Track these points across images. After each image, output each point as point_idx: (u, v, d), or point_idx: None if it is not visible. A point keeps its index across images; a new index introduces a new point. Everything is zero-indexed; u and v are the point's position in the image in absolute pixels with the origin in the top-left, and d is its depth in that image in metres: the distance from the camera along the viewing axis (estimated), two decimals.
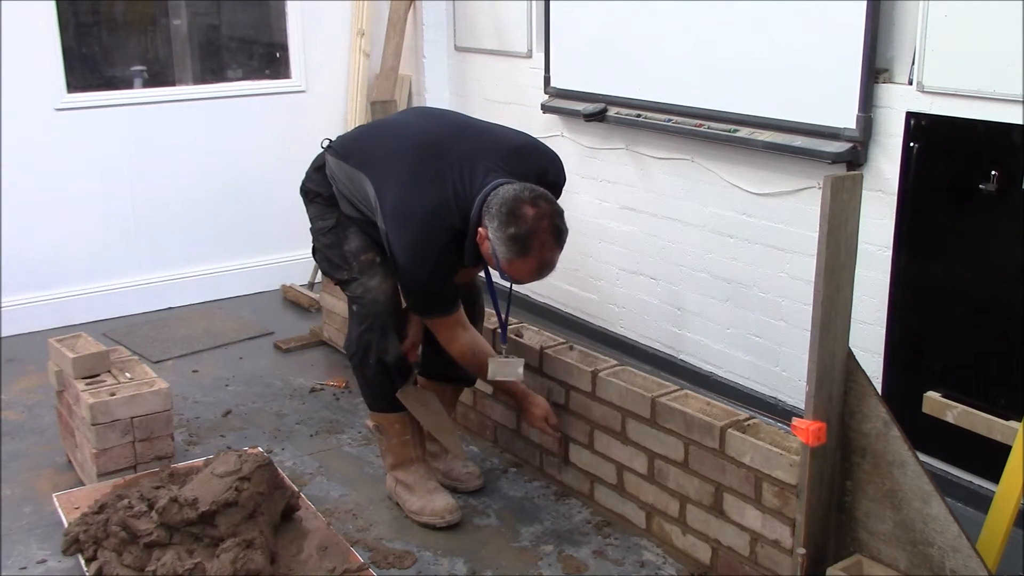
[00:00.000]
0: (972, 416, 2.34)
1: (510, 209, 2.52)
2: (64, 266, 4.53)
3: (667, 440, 2.70)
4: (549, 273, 2.63)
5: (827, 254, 2.12)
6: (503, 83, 4.69)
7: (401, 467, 3.00)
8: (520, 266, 2.57)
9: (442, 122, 2.92)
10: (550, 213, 2.55)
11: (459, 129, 2.86)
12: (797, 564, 2.32)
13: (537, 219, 2.52)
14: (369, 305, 2.83)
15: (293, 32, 4.97)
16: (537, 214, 2.52)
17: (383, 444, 3.02)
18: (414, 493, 2.96)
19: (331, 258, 2.92)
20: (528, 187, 2.58)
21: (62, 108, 4.41)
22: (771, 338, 3.56)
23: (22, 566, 2.73)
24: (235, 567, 2.38)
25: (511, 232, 2.51)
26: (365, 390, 2.98)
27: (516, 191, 2.55)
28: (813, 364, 2.20)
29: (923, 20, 2.86)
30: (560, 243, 2.59)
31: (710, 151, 3.67)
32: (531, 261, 2.56)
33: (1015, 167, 2.71)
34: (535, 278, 2.64)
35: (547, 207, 2.56)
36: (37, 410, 3.70)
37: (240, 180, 4.87)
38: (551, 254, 2.58)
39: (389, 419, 2.95)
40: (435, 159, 2.69)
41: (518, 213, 2.51)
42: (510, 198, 2.53)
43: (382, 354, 2.85)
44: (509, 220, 2.51)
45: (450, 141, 2.75)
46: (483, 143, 2.77)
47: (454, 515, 2.92)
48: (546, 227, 2.53)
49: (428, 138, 2.77)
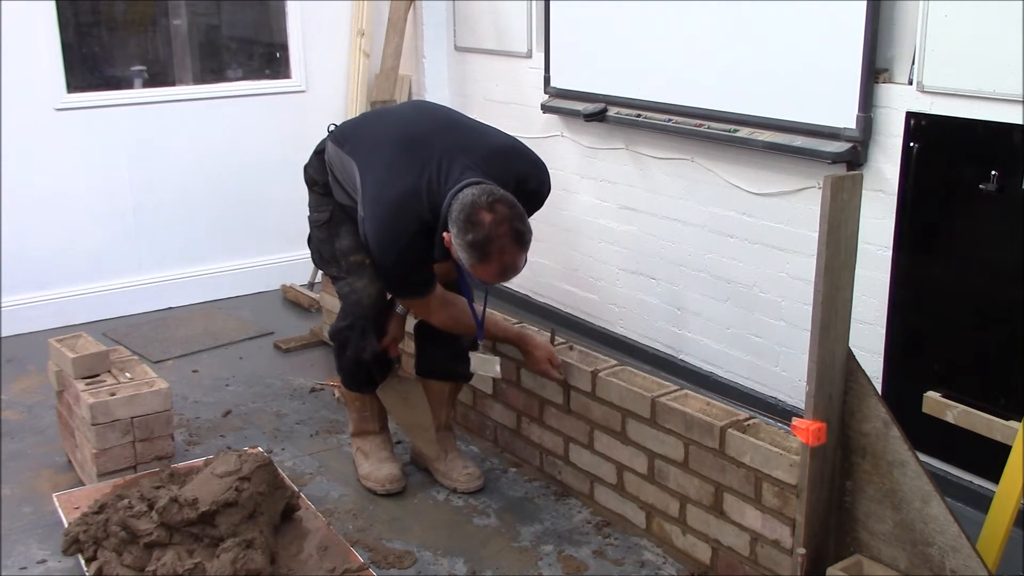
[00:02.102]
0: (972, 416, 2.34)
1: (467, 216, 2.51)
2: (64, 266, 4.53)
3: (667, 440, 2.70)
4: (515, 275, 2.64)
5: (827, 254, 2.12)
6: (503, 83, 4.69)
7: (359, 436, 3.21)
8: (482, 271, 2.58)
9: (434, 117, 2.95)
10: (508, 217, 2.52)
11: (447, 125, 2.88)
12: (797, 564, 2.32)
13: (495, 225, 2.50)
14: (353, 306, 2.95)
15: (293, 32, 4.97)
16: (494, 220, 2.50)
17: (347, 412, 3.26)
18: (367, 459, 3.16)
19: (323, 252, 3.05)
20: (487, 191, 2.54)
21: (62, 108, 4.40)
22: (771, 338, 3.56)
23: (22, 566, 2.73)
24: (235, 567, 2.38)
25: (469, 239, 2.51)
26: (339, 368, 3.12)
27: (474, 196, 2.53)
28: (813, 364, 2.20)
29: (923, 20, 2.86)
30: (522, 245, 2.56)
31: (710, 151, 3.67)
32: (492, 267, 2.55)
33: (1015, 167, 2.71)
34: (501, 280, 2.65)
35: (505, 211, 2.52)
36: (37, 410, 3.70)
37: (240, 180, 4.86)
38: (512, 258, 2.56)
39: (351, 396, 3.17)
40: (417, 150, 2.72)
41: (475, 220, 2.50)
42: (467, 204, 2.53)
43: (360, 352, 2.99)
44: (467, 227, 2.51)
45: (435, 135, 2.77)
46: (467, 141, 2.79)
47: (394, 485, 3.08)
48: (505, 232, 2.51)
49: (415, 130, 2.81)
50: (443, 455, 3.15)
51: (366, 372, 3.06)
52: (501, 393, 3.28)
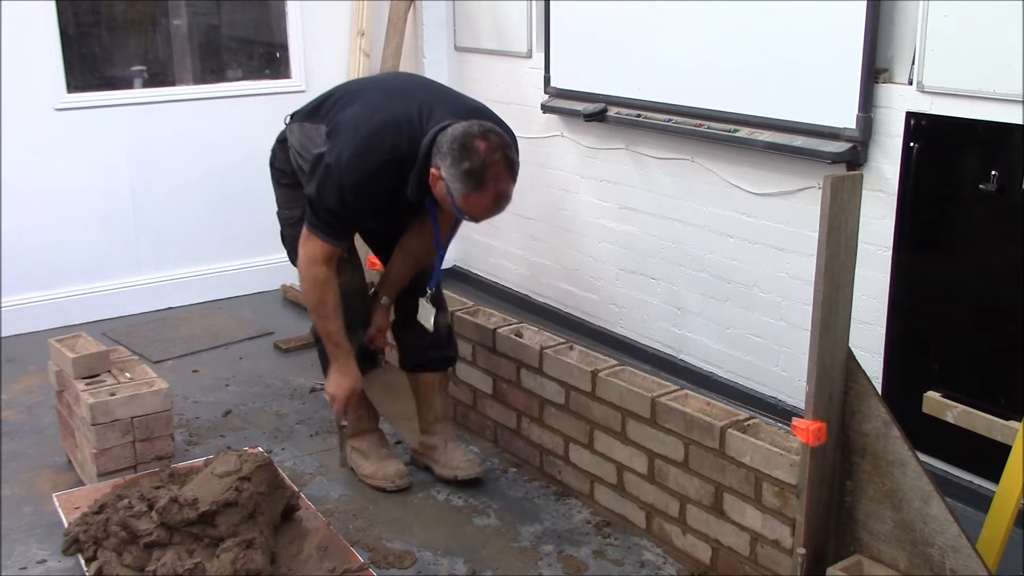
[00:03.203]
0: (972, 416, 2.34)
1: (462, 144, 2.55)
2: (64, 266, 4.53)
3: (667, 440, 2.70)
4: (506, 206, 2.66)
5: (827, 254, 2.12)
6: (503, 83, 4.69)
7: (356, 436, 3.16)
8: (476, 201, 2.60)
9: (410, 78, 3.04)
10: (502, 145, 2.59)
11: (425, 85, 2.96)
12: (797, 564, 2.32)
13: (489, 151, 2.56)
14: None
15: (293, 32, 4.97)
16: (489, 147, 2.56)
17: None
18: (368, 459, 3.13)
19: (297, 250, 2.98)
20: (477, 123, 2.61)
21: (62, 108, 4.40)
22: (771, 338, 3.56)
23: (22, 566, 2.73)
24: (235, 567, 2.38)
25: (465, 167, 2.55)
26: (325, 366, 3.08)
27: (465, 127, 2.59)
28: (813, 364, 2.20)
29: (923, 20, 2.86)
30: (513, 174, 2.63)
31: (710, 151, 3.67)
32: (487, 194, 2.59)
33: (1015, 167, 2.71)
34: (492, 212, 2.66)
35: (497, 140, 2.59)
36: (37, 410, 3.70)
37: (240, 180, 4.86)
38: (506, 185, 2.61)
39: None
40: (395, 98, 2.76)
41: (470, 147, 2.55)
42: (460, 134, 2.57)
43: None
44: (462, 155, 2.55)
45: (412, 90, 2.83)
46: (445, 97, 2.84)
47: (403, 480, 3.08)
48: (499, 159, 2.57)
49: (389, 85, 2.87)
50: (443, 445, 3.17)
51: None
52: (501, 393, 3.28)
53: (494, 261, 4.99)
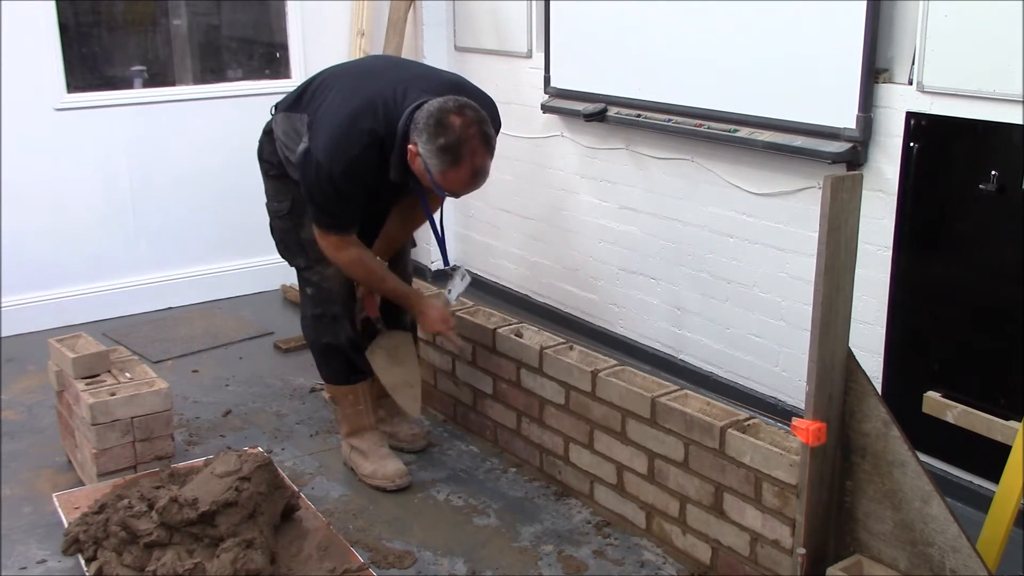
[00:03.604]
0: (972, 416, 2.34)
1: (437, 120, 2.58)
2: (64, 266, 4.53)
3: (667, 440, 2.70)
4: (483, 182, 2.69)
5: (827, 254, 2.12)
6: (503, 83, 4.68)
7: (355, 435, 3.17)
8: (453, 176, 2.63)
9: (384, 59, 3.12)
10: (477, 119, 2.61)
11: (397, 64, 3.00)
12: (797, 564, 2.32)
13: (465, 127, 2.58)
14: (324, 292, 3.01)
15: (293, 32, 4.97)
16: (464, 122, 2.58)
17: (338, 413, 3.22)
18: (367, 459, 3.13)
19: (287, 243, 3.09)
20: (452, 98, 2.63)
21: (62, 108, 4.41)
22: (771, 338, 3.56)
23: (22, 566, 2.73)
24: (235, 567, 2.38)
25: (441, 143, 2.57)
26: (320, 364, 3.16)
27: (440, 103, 2.61)
28: (813, 364, 2.20)
29: (923, 20, 2.86)
30: (490, 149, 2.65)
31: (710, 151, 3.67)
32: (464, 169, 2.62)
33: (1015, 167, 2.71)
34: (470, 187, 2.69)
35: (473, 115, 2.61)
36: (37, 410, 3.70)
37: (240, 180, 4.84)
38: (483, 160, 2.64)
39: (343, 391, 3.15)
40: (371, 81, 2.79)
41: (446, 123, 2.57)
42: (435, 110, 2.59)
43: (333, 339, 3.05)
44: (438, 131, 2.57)
45: (387, 71, 2.86)
46: (419, 74, 2.87)
47: (404, 479, 3.08)
48: (475, 133, 2.59)
49: (364, 68, 2.91)
50: (389, 419, 3.28)
51: (344, 359, 3.09)
52: (501, 393, 3.28)
53: (494, 261, 4.99)
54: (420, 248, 4.61)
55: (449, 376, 3.51)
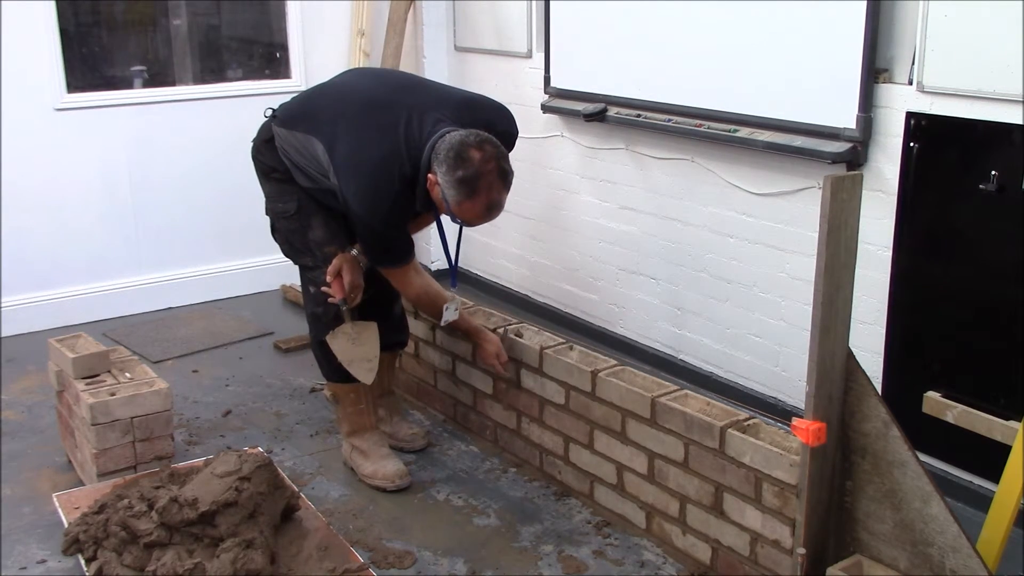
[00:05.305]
0: (972, 416, 2.34)
1: (457, 153, 2.64)
2: (64, 266, 4.53)
3: (667, 440, 2.70)
4: (498, 214, 2.76)
5: (827, 254, 2.12)
6: (503, 83, 4.69)
7: (356, 434, 3.18)
8: (469, 207, 2.70)
9: (387, 81, 3.08)
10: (495, 155, 2.68)
11: (406, 86, 3.00)
12: (797, 564, 2.32)
13: (483, 162, 2.64)
14: (327, 294, 3.01)
15: (293, 32, 4.97)
16: (483, 157, 2.65)
17: (339, 412, 3.22)
18: (368, 458, 3.14)
19: (293, 243, 3.10)
20: (474, 132, 2.70)
21: (62, 108, 4.41)
22: (771, 338, 3.56)
23: (22, 566, 2.73)
24: (235, 567, 2.38)
25: (459, 175, 2.63)
26: (321, 361, 3.18)
27: (462, 136, 2.67)
28: (813, 364, 2.20)
29: (923, 20, 2.86)
30: (507, 184, 2.72)
31: (710, 151, 3.67)
32: (479, 202, 2.68)
33: (1015, 167, 2.71)
34: (485, 219, 2.76)
35: (492, 150, 2.68)
36: (37, 410, 3.70)
37: (240, 180, 4.82)
38: (498, 195, 2.71)
39: (344, 389, 3.16)
40: (384, 112, 2.81)
41: (465, 156, 2.63)
42: (456, 143, 2.65)
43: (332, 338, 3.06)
44: (457, 163, 2.63)
45: (398, 96, 2.87)
46: (431, 98, 2.90)
47: (403, 480, 3.10)
48: (492, 169, 2.66)
49: (375, 95, 2.89)
50: (389, 418, 3.32)
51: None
52: (501, 393, 3.28)
53: (494, 261, 4.99)
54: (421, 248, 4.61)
55: (449, 376, 3.51)
